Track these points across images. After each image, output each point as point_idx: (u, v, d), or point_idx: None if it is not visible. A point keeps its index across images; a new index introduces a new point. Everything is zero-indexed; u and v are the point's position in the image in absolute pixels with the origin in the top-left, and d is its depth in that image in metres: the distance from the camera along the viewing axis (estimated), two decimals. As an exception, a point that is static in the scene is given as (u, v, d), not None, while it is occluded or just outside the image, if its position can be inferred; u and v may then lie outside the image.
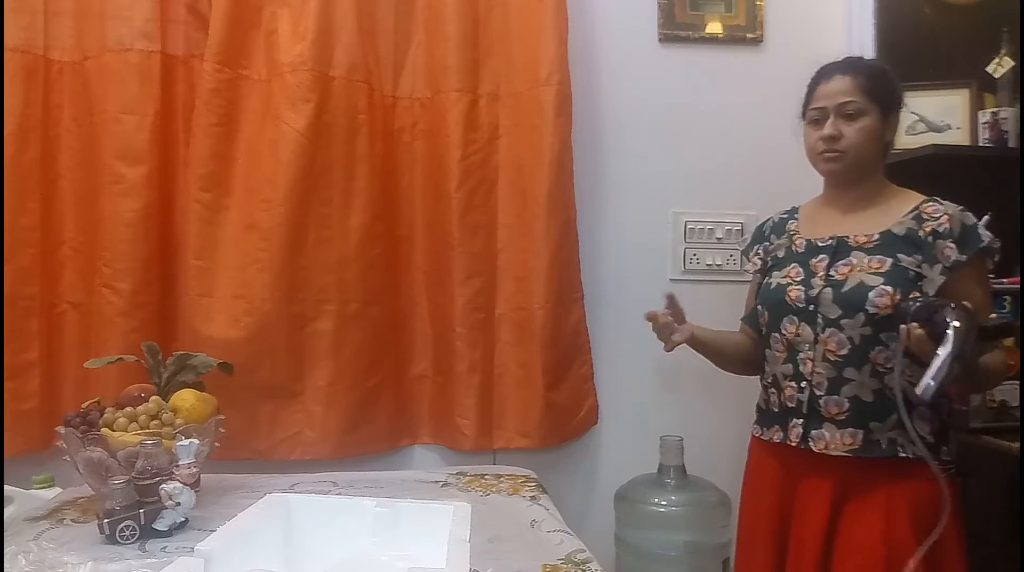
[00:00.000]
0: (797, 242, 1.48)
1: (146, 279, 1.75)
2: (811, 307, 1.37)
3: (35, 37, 1.74)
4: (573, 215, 1.92)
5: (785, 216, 1.58)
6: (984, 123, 1.83)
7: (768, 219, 1.62)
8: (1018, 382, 1.54)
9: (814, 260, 1.41)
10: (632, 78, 2.03)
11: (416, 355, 1.95)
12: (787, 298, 1.41)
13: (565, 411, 1.94)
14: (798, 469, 1.40)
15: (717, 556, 1.77)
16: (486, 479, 1.61)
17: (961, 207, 1.34)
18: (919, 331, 1.16)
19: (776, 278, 1.46)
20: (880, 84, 1.40)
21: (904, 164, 1.82)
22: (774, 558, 1.42)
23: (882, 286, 1.30)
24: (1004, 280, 1.61)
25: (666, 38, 2.04)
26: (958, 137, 1.87)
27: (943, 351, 1.09)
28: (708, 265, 2.03)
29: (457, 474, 1.65)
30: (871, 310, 1.30)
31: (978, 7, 1.94)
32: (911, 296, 1.27)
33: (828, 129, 1.39)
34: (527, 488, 1.55)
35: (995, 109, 1.82)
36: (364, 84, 1.84)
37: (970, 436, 1.51)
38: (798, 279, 1.41)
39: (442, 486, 1.56)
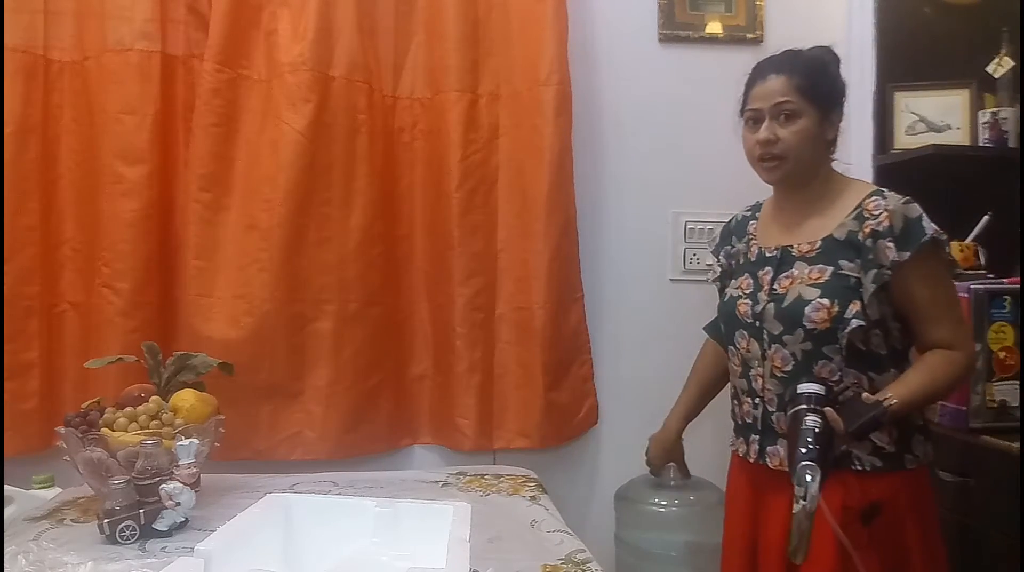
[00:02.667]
0: (752, 249, 1.44)
1: (146, 279, 1.75)
2: (757, 323, 1.34)
3: (35, 37, 1.74)
4: (573, 215, 1.92)
5: (748, 214, 1.52)
6: (984, 123, 1.82)
7: (733, 217, 1.56)
8: (1018, 382, 1.53)
9: (761, 272, 1.37)
10: (632, 78, 2.03)
11: (416, 355, 1.96)
12: (737, 312, 1.38)
13: (565, 411, 1.94)
14: (762, 484, 1.37)
15: (717, 556, 1.76)
16: (486, 479, 1.61)
17: (905, 199, 1.26)
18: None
19: (731, 289, 1.44)
20: (818, 82, 1.32)
21: (904, 164, 1.83)
22: (748, 570, 1.39)
23: (818, 300, 1.25)
24: (1004, 280, 1.60)
25: (666, 38, 2.04)
26: (958, 137, 1.87)
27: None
28: (708, 265, 2.00)
29: (457, 474, 1.65)
30: (808, 326, 1.25)
31: (978, 7, 1.93)
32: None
33: (763, 132, 1.32)
34: (527, 488, 1.55)
35: (995, 109, 1.81)
36: (364, 84, 1.84)
37: (970, 436, 1.50)
38: (747, 292, 1.38)
39: (442, 486, 1.56)
